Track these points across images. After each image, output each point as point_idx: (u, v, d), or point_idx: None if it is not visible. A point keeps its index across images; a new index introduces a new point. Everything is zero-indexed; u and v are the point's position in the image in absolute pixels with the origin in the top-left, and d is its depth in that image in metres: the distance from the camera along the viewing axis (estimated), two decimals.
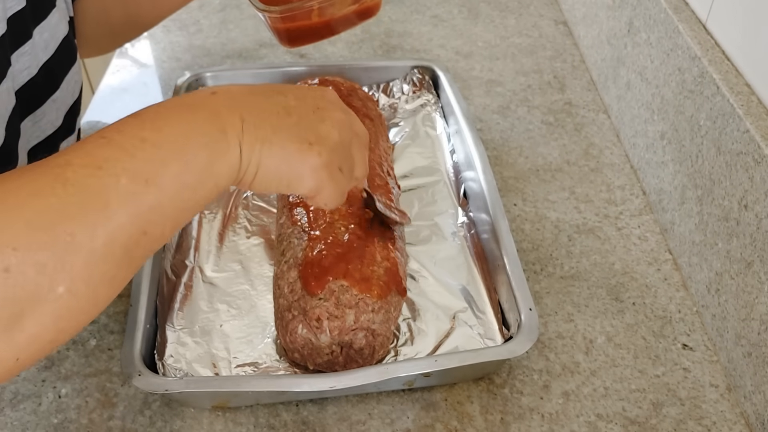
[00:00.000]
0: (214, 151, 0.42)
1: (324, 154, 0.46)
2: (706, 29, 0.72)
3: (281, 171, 0.45)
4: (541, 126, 0.93)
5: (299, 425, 0.61)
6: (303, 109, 0.46)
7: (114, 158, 0.38)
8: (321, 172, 0.46)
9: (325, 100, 0.48)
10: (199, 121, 0.42)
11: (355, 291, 0.60)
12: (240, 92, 0.45)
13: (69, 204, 0.36)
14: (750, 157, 0.60)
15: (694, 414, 0.62)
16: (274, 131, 0.44)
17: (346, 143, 0.48)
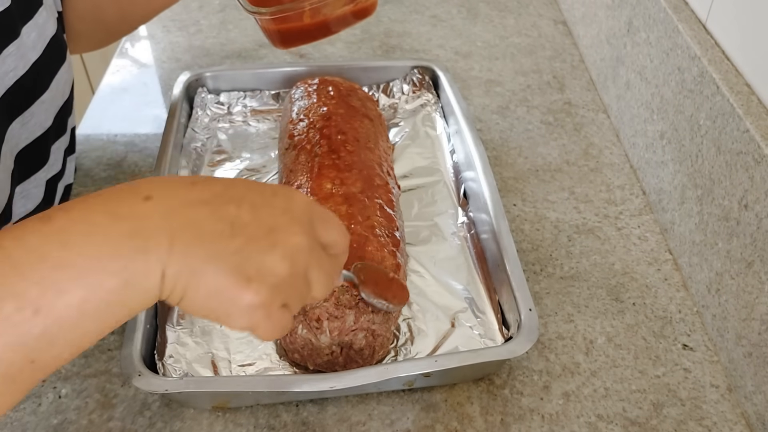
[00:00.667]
0: (129, 278, 0.36)
1: (262, 293, 0.39)
2: (705, 29, 0.72)
3: (209, 306, 0.39)
4: (541, 126, 0.93)
5: (299, 426, 0.61)
6: (254, 229, 0.39)
7: (3, 277, 0.33)
8: (256, 312, 0.39)
9: (286, 217, 0.41)
10: (116, 239, 0.35)
11: (355, 291, 0.60)
12: (181, 203, 0.38)
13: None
14: (750, 157, 0.60)
15: (694, 414, 0.62)
16: (209, 260, 0.37)
17: (298, 273, 0.41)
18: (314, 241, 0.42)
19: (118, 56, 1.06)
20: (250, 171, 0.82)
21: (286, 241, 0.40)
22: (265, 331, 0.40)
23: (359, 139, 0.76)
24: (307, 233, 0.41)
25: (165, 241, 0.36)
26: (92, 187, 0.82)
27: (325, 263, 0.43)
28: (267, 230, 0.39)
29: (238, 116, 0.90)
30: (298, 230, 0.41)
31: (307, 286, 0.42)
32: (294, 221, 0.41)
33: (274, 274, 0.39)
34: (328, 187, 0.69)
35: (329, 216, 0.44)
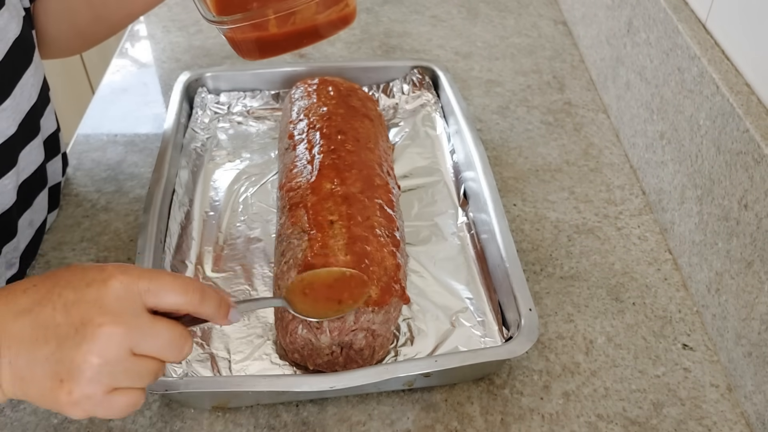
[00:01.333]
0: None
1: (75, 391, 0.42)
2: (705, 29, 0.72)
3: (46, 404, 0.43)
4: (541, 126, 0.93)
5: (299, 426, 0.61)
6: (65, 329, 0.42)
7: None
8: (80, 405, 0.42)
9: (95, 309, 0.42)
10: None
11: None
12: (12, 315, 0.42)
13: None
14: (750, 157, 0.60)
15: (694, 414, 0.62)
16: (29, 367, 0.42)
17: (117, 358, 0.42)
18: (135, 320, 0.43)
19: (118, 56, 1.06)
20: (250, 171, 0.82)
21: (94, 334, 0.42)
22: (106, 415, 0.44)
23: (359, 139, 0.76)
24: (118, 320, 0.42)
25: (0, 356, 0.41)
26: (92, 187, 0.83)
27: (159, 330, 0.44)
28: (76, 327, 0.42)
29: (238, 116, 0.90)
30: (107, 319, 0.42)
31: (141, 361, 0.44)
32: (103, 311, 0.42)
33: (85, 369, 0.41)
34: (328, 187, 0.69)
35: (159, 281, 0.45)
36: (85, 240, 0.76)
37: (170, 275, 0.46)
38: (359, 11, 1.19)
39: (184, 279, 0.46)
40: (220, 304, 0.48)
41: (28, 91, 0.65)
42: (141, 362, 0.44)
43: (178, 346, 0.45)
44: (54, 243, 0.76)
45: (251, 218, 0.76)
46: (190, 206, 0.77)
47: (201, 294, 0.46)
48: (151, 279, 0.44)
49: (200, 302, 0.46)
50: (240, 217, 0.76)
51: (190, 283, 0.46)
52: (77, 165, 0.86)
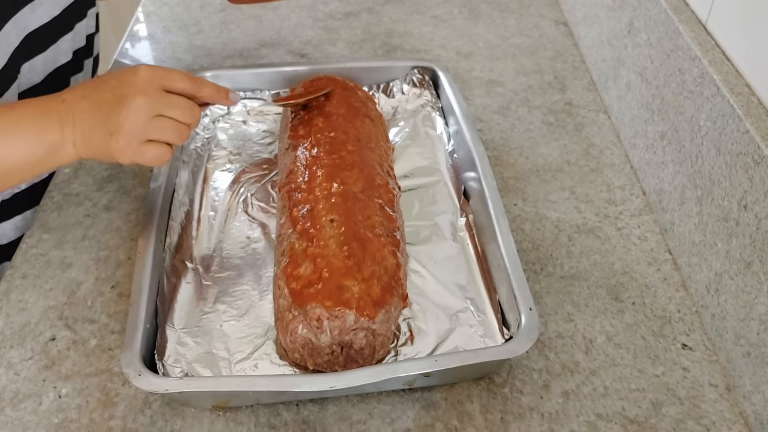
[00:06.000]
0: (54, 146, 0.61)
1: (120, 140, 0.60)
2: (706, 30, 0.73)
3: (99, 155, 0.62)
4: (542, 126, 0.93)
5: (300, 425, 0.61)
6: (112, 101, 0.60)
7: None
8: (123, 152, 0.61)
9: (131, 88, 0.61)
10: (47, 123, 0.61)
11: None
12: (78, 98, 0.62)
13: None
14: (750, 158, 0.60)
15: (693, 414, 0.62)
16: (91, 128, 0.61)
17: (146, 118, 0.61)
18: (158, 95, 0.61)
19: (118, 56, 1.07)
20: (250, 171, 0.82)
21: (130, 103, 0.60)
22: (143, 160, 0.62)
23: (360, 139, 0.76)
24: (146, 93, 0.61)
25: (70, 124, 0.61)
26: (93, 186, 0.83)
27: (175, 101, 0.63)
28: (119, 100, 0.61)
29: (238, 116, 0.90)
30: (137, 92, 0.60)
31: (164, 121, 0.62)
32: (135, 89, 0.61)
33: (125, 125, 0.60)
34: (328, 187, 0.69)
35: (171, 72, 0.64)
36: (87, 238, 0.76)
37: (181, 72, 0.65)
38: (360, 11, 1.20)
39: (189, 74, 0.65)
40: (218, 89, 0.67)
41: None
42: (164, 121, 0.62)
43: (190, 112, 0.64)
44: (55, 242, 0.76)
45: (251, 218, 0.76)
46: (190, 206, 0.77)
47: (200, 83, 0.65)
48: (166, 70, 0.63)
49: (201, 88, 0.65)
50: (240, 217, 0.77)
51: (192, 77, 0.65)
52: (79, 164, 0.86)
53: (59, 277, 0.72)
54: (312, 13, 1.16)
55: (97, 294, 0.71)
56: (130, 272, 0.72)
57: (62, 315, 0.69)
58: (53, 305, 0.70)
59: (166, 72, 0.63)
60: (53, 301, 0.70)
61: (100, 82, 0.63)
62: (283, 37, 1.10)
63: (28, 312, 0.69)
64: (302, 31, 1.12)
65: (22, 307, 0.70)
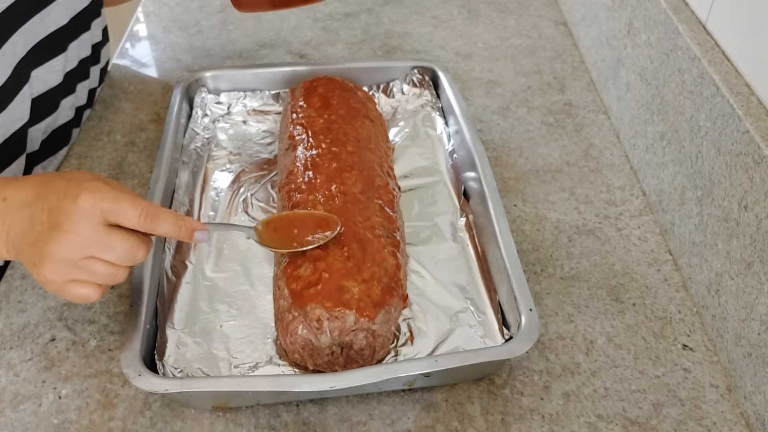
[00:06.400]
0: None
1: (41, 275, 0.55)
2: (706, 30, 0.73)
3: (32, 274, 0.56)
4: (541, 127, 0.93)
5: (300, 426, 0.61)
6: (45, 227, 0.54)
7: None
8: (45, 285, 0.56)
9: (67, 216, 0.53)
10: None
11: None
12: (18, 205, 0.55)
13: None
14: (750, 158, 0.60)
15: (694, 414, 0.62)
16: (21, 244, 0.55)
17: (69, 261, 0.54)
18: (94, 234, 0.54)
19: (118, 56, 1.06)
20: (250, 171, 0.82)
21: (58, 237, 0.53)
22: (66, 298, 0.56)
23: (360, 140, 0.76)
24: (78, 230, 0.53)
25: (4, 230, 0.56)
26: None
27: (114, 244, 0.55)
28: (50, 228, 0.53)
29: (238, 116, 0.90)
30: (69, 228, 0.53)
31: (95, 264, 0.54)
32: (68, 220, 0.53)
33: (48, 261, 0.54)
34: (328, 188, 0.69)
35: (120, 203, 0.55)
36: None
37: (129, 201, 0.55)
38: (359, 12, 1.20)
39: (141, 206, 0.55)
40: (179, 226, 0.58)
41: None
42: (95, 264, 0.55)
43: (130, 255, 0.56)
44: None
45: (251, 218, 0.76)
46: (190, 206, 0.77)
47: (155, 220, 0.56)
48: (114, 202, 0.54)
49: (155, 226, 0.56)
50: (240, 217, 0.76)
51: (145, 210, 0.55)
52: (78, 165, 0.86)
53: None
54: (311, 13, 1.16)
55: None
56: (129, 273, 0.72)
57: (62, 316, 0.69)
58: (53, 306, 0.70)
59: (113, 204, 0.54)
60: (53, 302, 0.70)
61: (45, 192, 0.55)
62: (282, 38, 1.10)
63: (27, 313, 0.69)
64: (301, 32, 1.12)
65: (21, 308, 0.69)
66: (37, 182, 0.56)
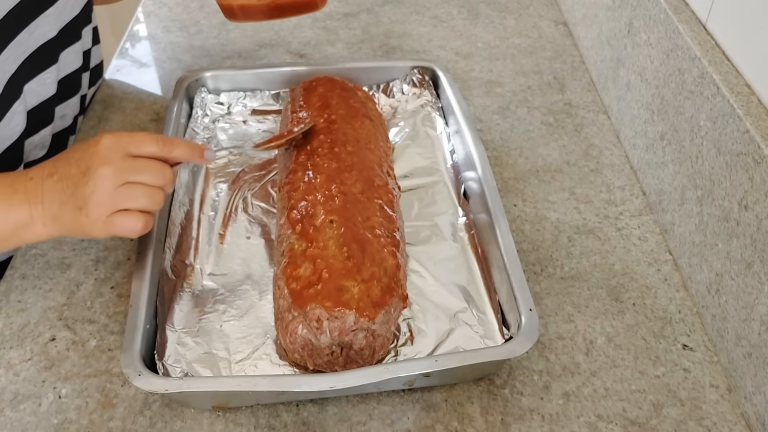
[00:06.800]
0: (22, 225, 0.60)
1: (90, 214, 0.58)
2: (706, 30, 0.72)
3: (72, 231, 0.61)
4: (541, 127, 0.93)
5: (299, 426, 0.61)
6: (78, 175, 0.58)
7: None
8: (95, 226, 0.59)
9: (94, 158, 0.58)
10: (15, 203, 0.60)
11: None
12: (45, 176, 0.60)
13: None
14: (750, 158, 0.60)
15: (694, 415, 0.62)
16: (60, 206, 0.59)
17: (110, 190, 0.58)
18: (123, 162, 0.58)
19: (118, 56, 1.06)
20: (250, 171, 0.82)
21: (94, 174, 0.58)
22: (117, 232, 0.60)
23: (359, 140, 0.76)
24: (110, 161, 0.58)
25: (39, 204, 0.60)
26: None
27: (143, 166, 0.59)
28: (83, 172, 0.58)
29: (238, 116, 0.90)
30: (100, 163, 0.58)
31: (134, 188, 0.59)
32: (98, 159, 0.58)
33: (92, 197, 0.58)
34: (328, 188, 0.69)
35: (137, 137, 0.60)
36: (86, 239, 0.76)
37: (146, 132, 0.62)
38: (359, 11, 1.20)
39: (157, 136, 0.61)
40: (192, 148, 0.63)
41: (70, 5, 0.79)
42: (134, 189, 0.59)
43: (161, 174, 0.60)
44: (54, 242, 0.76)
45: (251, 218, 0.76)
46: (190, 206, 0.77)
47: (170, 144, 0.61)
48: (131, 135, 0.60)
49: (171, 148, 0.61)
50: (240, 217, 0.76)
51: (160, 137, 0.61)
52: None
53: (59, 278, 0.72)
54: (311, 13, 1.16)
55: (96, 295, 0.71)
56: (129, 273, 0.72)
57: (62, 316, 0.69)
58: (53, 306, 0.70)
59: (131, 137, 0.60)
60: (53, 301, 0.70)
61: (66, 157, 0.61)
62: (282, 38, 1.10)
63: (27, 313, 0.69)
64: (301, 32, 1.12)
65: (21, 307, 0.69)
66: (57, 157, 0.61)
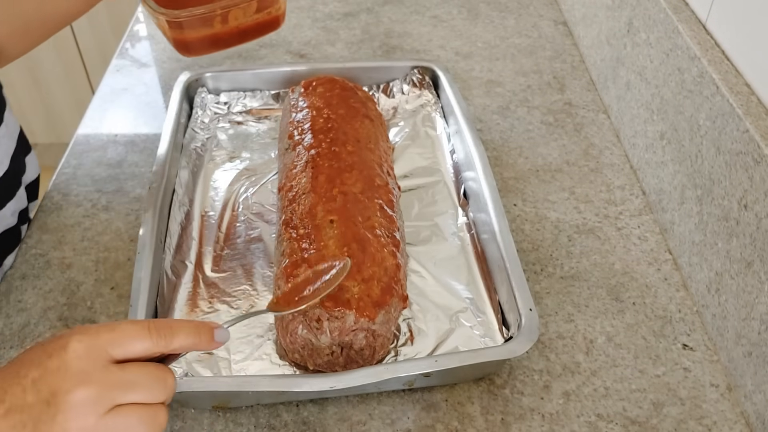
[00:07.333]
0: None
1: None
2: (705, 29, 0.72)
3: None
4: (541, 126, 0.93)
5: (300, 425, 0.61)
6: (38, 407, 0.41)
7: None
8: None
9: (59, 376, 0.41)
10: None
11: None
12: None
13: None
14: (749, 157, 0.60)
15: (694, 414, 0.62)
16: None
17: (93, 422, 0.41)
18: (105, 376, 0.42)
19: (118, 56, 1.07)
20: (250, 171, 0.82)
21: (65, 402, 0.41)
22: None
23: (360, 140, 0.76)
24: (85, 379, 0.41)
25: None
26: (93, 186, 0.83)
27: (134, 378, 0.43)
28: (47, 401, 0.41)
29: (238, 116, 0.90)
30: (74, 383, 0.41)
31: (128, 414, 0.42)
32: (68, 376, 0.41)
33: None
34: (328, 188, 0.69)
35: (120, 331, 0.44)
36: (86, 239, 0.76)
37: (130, 322, 0.44)
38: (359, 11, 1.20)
39: (145, 322, 0.45)
40: (199, 331, 0.46)
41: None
42: (126, 414, 0.42)
43: (160, 384, 0.44)
44: (54, 242, 0.76)
45: (251, 218, 0.76)
46: (190, 206, 0.77)
47: (168, 331, 0.44)
48: (112, 330, 0.43)
49: (170, 340, 0.45)
50: (240, 217, 0.76)
51: (153, 325, 0.44)
52: (78, 164, 0.86)
53: (59, 278, 0.72)
54: (311, 13, 1.16)
55: (96, 295, 0.71)
56: (129, 273, 0.72)
57: (62, 316, 0.69)
58: (53, 306, 0.70)
59: (111, 333, 0.43)
60: (53, 301, 0.70)
61: (14, 375, 0.42)
62: (282, 38, 1.10)
63: (27, 312, 0.69)
64: (301, 32, 1.12)
65: (21, 307, 0.69)
66: (5, 368, 0.43)
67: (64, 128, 2.03)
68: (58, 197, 0.81)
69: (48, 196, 0.82)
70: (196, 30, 0.62)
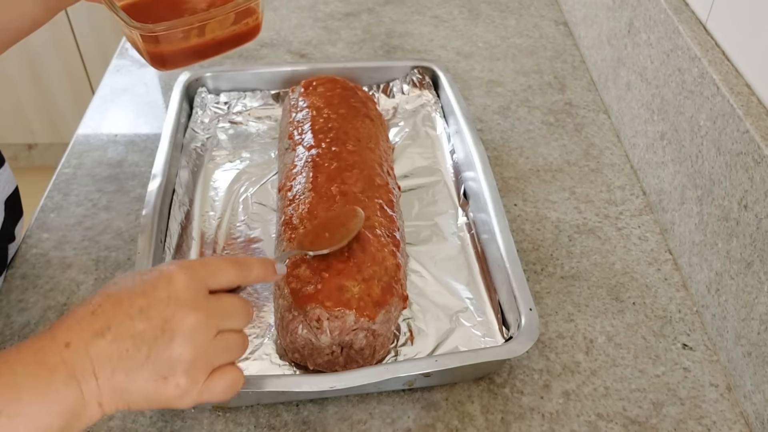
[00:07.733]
0: (72, 414, 0.42)
1: (181, 383, 0.45)
2: (706, 30, 0.73)
3: (154, 405, 0.46)
4: (542, 126, 0.93)
5: (300, 425, 0.61)
6: (150, 333, 0.44)
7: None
8: (188, 395, 0.45)
9: (171, 305, 0.45)
10: (55, 386, 0.42)
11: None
12: (91, 337, 0.43)
13: None
14: (750, 158, 0.60)
15: (694, 413, 0.62)
16: (128, 376, 0.43)
17: (206, 342, 0.46)
18: (209, 305, 0.47)
19: (118, 56, 1.07)
20: (250, 171, 0.82)
21: (181, 328, 0.44)
22: (212, 398, 0.47)
23: (360, 139, 0.76)
24: (196, 307, 0.45)
25: (91, 379, 0.43)
26: (93, 186, 0.83)
27: (229, 307, 0.48)
28: (161, 327, 0.44)
29: (238, 116, 0.90)
30: (186, 312, 0.45)
31: (227, 337, 0.48)
32: (180, 305, 0.45)
33: (182, 361, 0.44)
34: (328, 187, 0.69)
35: (212, 265, 0.49)
36: (87, 239, 0.76)
37: (216, 258, 0.51)
38: (360, 11, 1.20)
39: (227, 258, 0.50)
40: (265, 266, 0.52)
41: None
42: (227, 337, 0.47)
43: (246, 312, 0.50)
44: (55, 242, 0.76)
45: (251, 218, 0.76)
46: (190, 206, 0.77)
47: (246, 265, 0.50)
48: (206, 264, 0.48)
49: (249, 272, 0.50)
50: (240, 217, 0.76)
51: (234, 260, 0.50)
52: (78, 164, 0.86)
53: (59, 278, 0.72)
54: (312, 13, 1.16)
55: None
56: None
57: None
58: (53, 305, 0.70)
59: (206, 266, 0.48)
60: (53, 301, 0.70)
61: (116, 304, 0.44)
62: (283, 38, 1.10)
63: (27, 312, 0.69)
64: (302, 32, 1.12)
65: (22, 307, 0.69)
66: (95, 302, 0.45)
67: (64, 128, 2.03)
68: (58, 197, 0.82)
69: (48, 196, 0.82)
70: (171, 43, 0.61)
